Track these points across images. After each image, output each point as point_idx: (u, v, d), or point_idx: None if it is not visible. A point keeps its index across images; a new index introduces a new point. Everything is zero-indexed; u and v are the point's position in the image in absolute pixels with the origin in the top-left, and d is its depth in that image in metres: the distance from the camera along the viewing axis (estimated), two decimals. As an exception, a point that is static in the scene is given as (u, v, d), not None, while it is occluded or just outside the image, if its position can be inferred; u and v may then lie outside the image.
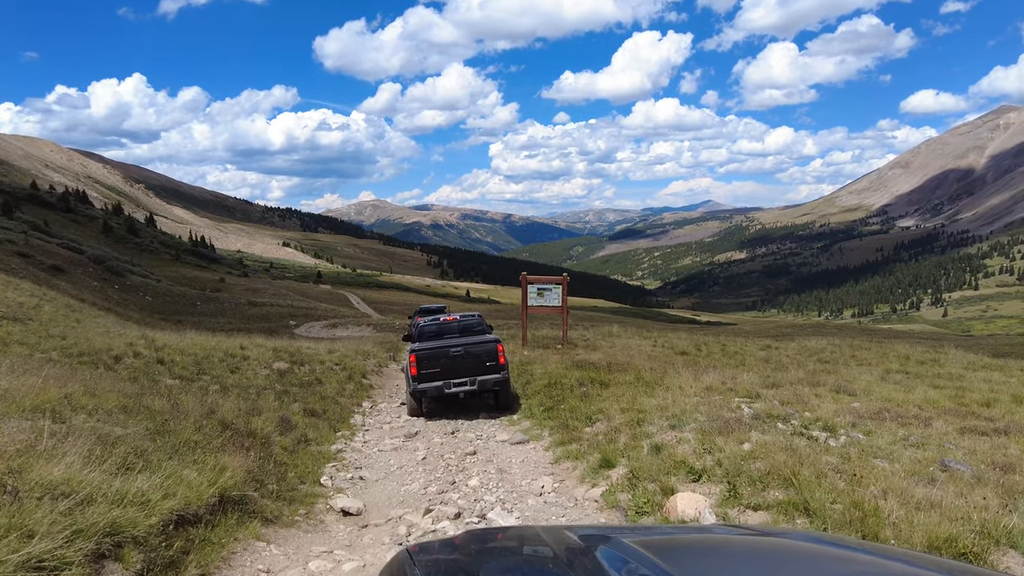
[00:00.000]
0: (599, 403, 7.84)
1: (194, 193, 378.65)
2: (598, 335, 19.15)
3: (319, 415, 8.57)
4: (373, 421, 9.70)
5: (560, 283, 16.34)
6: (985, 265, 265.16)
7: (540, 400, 9.14)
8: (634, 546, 1.50)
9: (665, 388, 9.44)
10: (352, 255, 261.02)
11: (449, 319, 11.78)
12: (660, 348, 15.96)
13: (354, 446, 7.77)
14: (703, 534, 2.02)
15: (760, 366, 13.69)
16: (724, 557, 1.63)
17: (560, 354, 14.52)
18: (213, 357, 11.58)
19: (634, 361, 12.66)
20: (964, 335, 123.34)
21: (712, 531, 2.11)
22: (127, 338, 14.15)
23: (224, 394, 9.08)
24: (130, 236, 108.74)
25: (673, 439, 5.99)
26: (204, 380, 9.96)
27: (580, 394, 8.30)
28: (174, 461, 4.67)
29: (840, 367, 13.82)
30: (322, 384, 10.99)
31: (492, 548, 1.78)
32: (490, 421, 9.41)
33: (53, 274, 47.00)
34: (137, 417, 5.96)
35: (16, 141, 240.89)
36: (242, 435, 6.02)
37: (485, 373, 10.09)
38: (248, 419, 7.30)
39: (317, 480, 5.98)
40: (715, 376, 10.59)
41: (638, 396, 7.93)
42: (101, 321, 20.58)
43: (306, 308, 71.26)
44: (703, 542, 1.83)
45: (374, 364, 14.49)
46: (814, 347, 16.36)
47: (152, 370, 10.21)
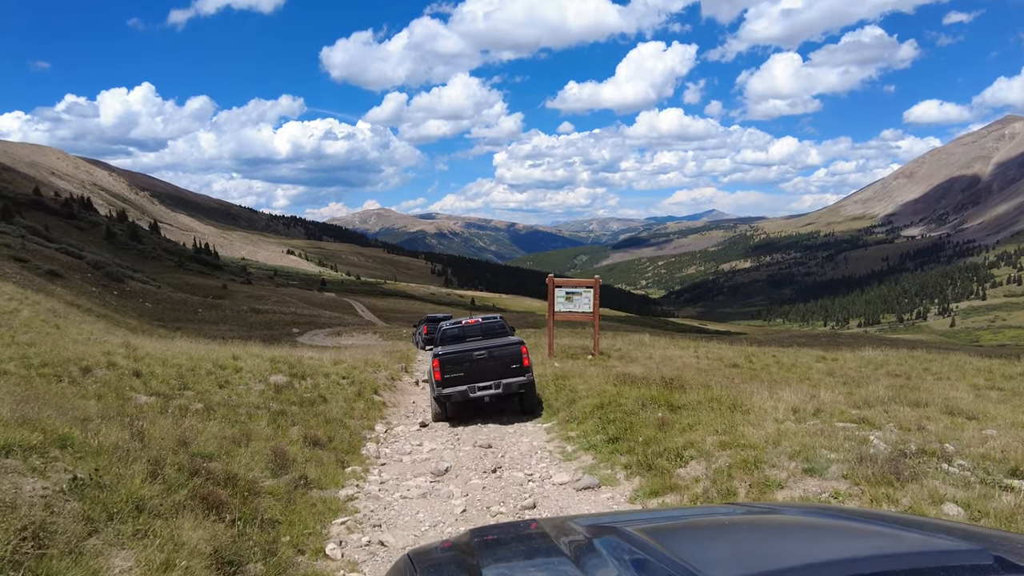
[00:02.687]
0: (682, 433, 6.12)
1: (199, 201, 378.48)
2: (628, 344, 17.43)
3: (323, 444, 6.83)
4: (390, 451, 7.86)
5: (592, 286, 14.65)
6: (992, 275, 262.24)
7: (595, 425, 7.38)
8: (636, 533, 1.48)
9: (745, 411, 7.73)
10: (357, 263, 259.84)
11: (471, 322, 11.64)
12: (705, 360, 14.23)
13: (369, 490, 5.95)
14: (709, 516, 1.95)
15: (828, 381, 11.98)
16: (728, 538, 1.58)
17: (595, 366, 12.82)
18: (200, 369, 9.89)
19: (685, 375, 10.96)
20: (974, 345, 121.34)
21: (718, 512, 2.04)
22: (106, 346, 12.48)
23: (207, 416, 7.41)
24: (133, 242, 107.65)
25: (817, 489, 4.31)
26: (186, 397, 8.28)
27: (656, 421, 6.57)
28: (98, 540, 2.99)
29: (918, 382, 12.10)
30: (326, 402, 9.23)
31: (494, 545, 1.74)
32: (535, 444, 7.70)
33: (49, 279, 45.62)
34: (75, 456, 4.30)
35: (22, 149, 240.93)
36: (217, 482, 4.34)
37: (510, 376, 9.81)
38: (231, 453, 5.61)
39: (321, 549, 4.23)
40: (792, 394, 8.90)
41: (731, 423, 6.21)
42: (87, 328, 18.95)
43: (310, 316, 69.80)
44: (706, 524, 1.79)
45: (385, 377, 12.75)
46: (875, 358, 14.62)
47: (124, 385, 8.52)
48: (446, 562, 1.63)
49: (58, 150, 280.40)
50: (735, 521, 1.73)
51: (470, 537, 1.76)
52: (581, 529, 1.62)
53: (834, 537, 1.49)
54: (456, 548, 1.71)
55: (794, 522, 1.70)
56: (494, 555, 1.63)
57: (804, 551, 1.36)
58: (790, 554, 1.34)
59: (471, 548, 1.65)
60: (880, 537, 1.44)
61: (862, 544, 1.40)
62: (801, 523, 1.67)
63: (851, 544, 1.40)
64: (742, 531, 1.63)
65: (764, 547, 1.46)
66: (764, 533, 1.61)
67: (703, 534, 1.63)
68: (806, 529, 1.59)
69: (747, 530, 1.64)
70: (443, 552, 1.74)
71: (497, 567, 1.53)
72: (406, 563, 1.61)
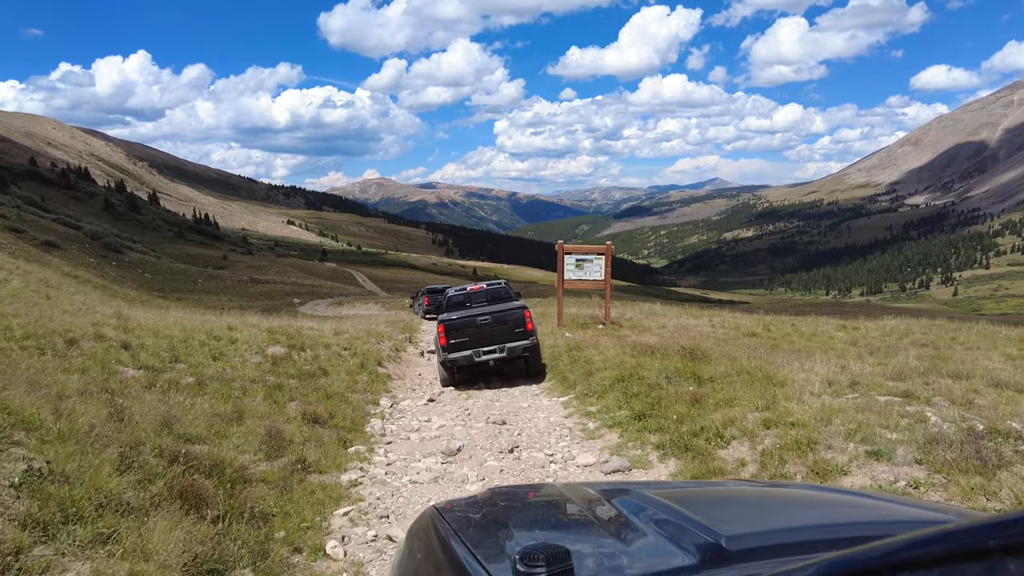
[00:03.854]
0: (718, 409, 5.55)
1: (198, 171, 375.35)
2: (638, 314, 16.86)
3: (323, 421, 6.27)
4: (396, 427, 7.29)
5: (603, 253, 14.01)
6: (996, 243, 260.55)
7: (617, 400, 6.80)
8: (652, 495, 1.52)
9: (779, 383, 7.18)
10: (357, 233, 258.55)
11: (476, 288, 11.65)
12: (721, 329, 13.67)
13: (375, 473, 5.33)
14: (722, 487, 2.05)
15: (853, 351, 11.44)
16: (739, 504, 1.66)
17: (608, 336, 12.28)
18: (193, 340, 9.33)
19: (704, 345, 10.41)
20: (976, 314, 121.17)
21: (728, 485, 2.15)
22: (96, 317, 11.95)
23: (198, 391, 6.88)
24: (132, 213, 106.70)
25: (890, 476, 3.76)
26: (177, 371, 7.74)
27: (687, 396, 5.99)
28: (46, 550, 2.44)
29: (948, 352, 11.55)
30: (327, 375, 8.64)
31: (517, 502, 1.83)
32: (552, 420, 7.17)
33: (46, 250, 45.07)
34: (41, 441, 3.76)
35: (17, 119, 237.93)
36: (201, 469, 3.80)
37: (514, 340, 9.99)
38: (221, 434, 5.07)
39: (321, 547, 3.63)
40: (822, 365, 8.36)
41: (772, 398, 5.65)
42: (80, 298, 18.40)
43: (311, 286, 69.33)
44: (720, 493, 1.86)
45: (389, 348, 12.19)
46: (897, 327, 14.05)
47: (112, 357, 7.98)
48: (473, 514, 1.65)
49: (54, 120, 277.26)
50: (744, 492, 1.82)
51: (492, 495, 1.82)
52: (596, 493, 1.68)
53: (836, 507, 1.59)
54: (482, 504, 1.74)
55: (798, 495, 1.77)
56: (518, 510, 1.71)
57: (809, 516, 1.46)
58: (797, 519, 1.43)
59: (496, 504, 1.71)
60: (878, 509, 1.54)
61: (862, 512, 1.52)
62: (804, 496, 1.74)
63: (851, 512, 1.53)
64: (751, 500, 1.71)
65: (773, 513, 1.55)
66: (772, 502, 1.70)
67: (715, 501, 1.69)
68: (810, 500, 1.67)
69: (755, 500, 1.72)
70: (469, 507, 1.76)
71: (523, 520, 1.61)
72: (433, 514, 1.62)
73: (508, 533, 1.44)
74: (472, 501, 1.83)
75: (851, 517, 1.43)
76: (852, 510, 1.54)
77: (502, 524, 1.51)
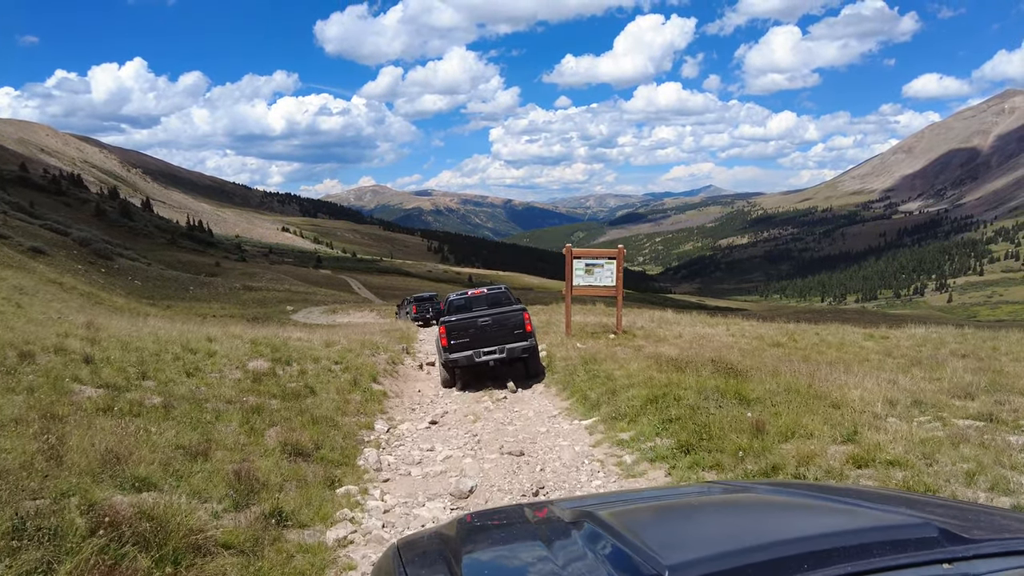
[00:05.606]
0: (787, 441, 4.60)
1: (193, 178, 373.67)
2: (649, 322, 15.92)
3: (308, 453, 5.26)
4: (394, 459, 6.27)
5: (615, 257, 13.09)
6: (990, 250, 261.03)
7: (653, 425, 5.76)
8: (609, 519, 1.47)
9: (834, 404, 6.25)
10: (352, 240, 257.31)
11: (477, 293, 11.84)
12: (741, 338, 12.72)
13: (368, 526, 4.28)
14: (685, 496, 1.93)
15: (891, 363, 10.52)
16: (695, 517, 1.60)
17: (622, 346, 11.33)
18: (167, 353, 8.34)
19: (730, 357, 9.46)
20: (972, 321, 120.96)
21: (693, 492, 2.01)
22: (64, 326, 10.92)
23: (163, 415, 5.90)
24: (124, 219, 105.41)
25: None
26: (142, 389, 6.75)
27: (747, 424, 5.00)
28: None
29: (993, 363, 10.63)
30: (315, 394, 7.55)
31: (478, 531, 1.75)
32: (578, 450, 6.17)
33: (32, 256, 43.96)
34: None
35: (10, 126, 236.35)
36: (139, 536, 2.82)
37: (513, 341, 10.24)
38: (180, 474, 4.10)
39: None
40: (871, 381, 7.45)
41: (853, 426, 4.71)
42: (57, 306, 17.35)
43: (304, 293, 68.30)
44: (680, 505, 1.79)
45: (385, 361, 11.17)
46: (929, 337, 13.14)
47: (68, 374, 6.98)
48: (431, 551, 1.60)
49: (47, 127, 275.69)
50: (707, 502, 1.79)
51: (457, 524, 1.78)
52: (561, 514, 1.65)
53: (795, 516, 1.54)
54: (441, 536, 1.70)
55: (761, 501, 1.72)
56: (475, 542, 1.66)
57: (764, 530, 1.41)
58: (750, 534, 1.38)
59: (453, 537, 1.66)
60: (837, 514, 1.48)
61: (819, 521, 1.46)
62: (768, 502, 1.70)
63: (809, 522, 1.47)
64: (710, 512, 1.66)
65: (728, 528, 1.50)
66: (731, 514, 1.64)
67: (674, 516, 1.66)
68: (771, 508, 1.63)
69: (715, 511, 1.68)
70: (429, 540, 1.72)
71: (476, 555, 1.57)
72: (393, 553, 1.63)
73: (454, 571, 1.41)
74: (434, 533, 1.76)
75: (824, 527, 1.36)
76: (803, 519, 1.50)
77: (454, 559, 1.47)
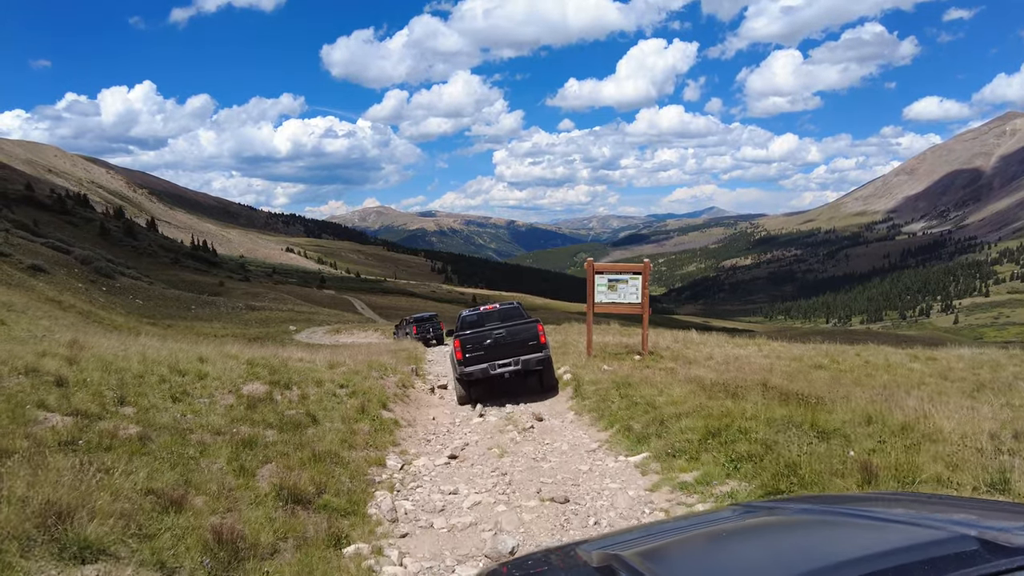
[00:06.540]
0: (904, 488, 3.70)
1: (198, 199, 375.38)
2: (674, 342, 14.97)
3: (308, 499, 4.28)
4: (412, 505, 5.27)
5: (640, 272, 12.21)
6: (995, 271, 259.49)
7: (722, 465, 4.72)
8: (633, 561, 1.40)
9: (928, 438, 5.30)
10: (356, 261, 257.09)
11: (490, 308, 11.92)
12: (777, 360, 11.77)
13: None
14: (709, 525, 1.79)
15: (949, 386, 9.56)
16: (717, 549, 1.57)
17: (652, 368, 10.38)
18: (152, 375, 7.42)
19: (776, 381, 8.50)
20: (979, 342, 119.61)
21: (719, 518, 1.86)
22: (45, 345, 9.99)
23: (137, 450, 4.99)
24: (127, 239, 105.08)
25: None
26: (119, 417, 5.83)
27: (855, 465, 4.08)
28: None
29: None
30: (317, 424, 6.62)
31: None
32: (633, 495, 5.11)
33: (31, 274, 43.30)
34: None
35: (19, 146, 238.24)
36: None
37: (528, 352, 10.27)
38: (143, 535, 3.19)
39: None
40: (951, 408, 6.49)
41: (998, 472, 3.79)
42: (46, 323, 16.48)
43: (308, 313, 67.38)
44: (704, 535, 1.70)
45: (395, 384, 10.22)
46: (979, 358, 12.17)
47: (35, 399, 6.05)
48: None
49: (56, 148, 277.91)
50: (731, 529, 1.71)
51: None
52: (587, 558, 1.60)
53: (821, 540, 1.48)
54: None
55: (786, 523, 1.69)
56: None
57: (788, 560, 1.36)
58: (781, 568, 1.32)
59: None
60: (867, 532, 1.40)
61: (850, 544, 1.36)
62: (792, 523, 1.66)
63: (839, 546, 1.38)
64: (734, 541, 1.62)
65: (757, 560, 1.45)
66: (754, 541, 1.61)
67: (697, 549, 1.62)
68: (796, 532, 1.59)
69: (739, 539, 1.62)
70: None
71: None
72: None
73: None
74: None
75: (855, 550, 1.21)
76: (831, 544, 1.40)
77: None
